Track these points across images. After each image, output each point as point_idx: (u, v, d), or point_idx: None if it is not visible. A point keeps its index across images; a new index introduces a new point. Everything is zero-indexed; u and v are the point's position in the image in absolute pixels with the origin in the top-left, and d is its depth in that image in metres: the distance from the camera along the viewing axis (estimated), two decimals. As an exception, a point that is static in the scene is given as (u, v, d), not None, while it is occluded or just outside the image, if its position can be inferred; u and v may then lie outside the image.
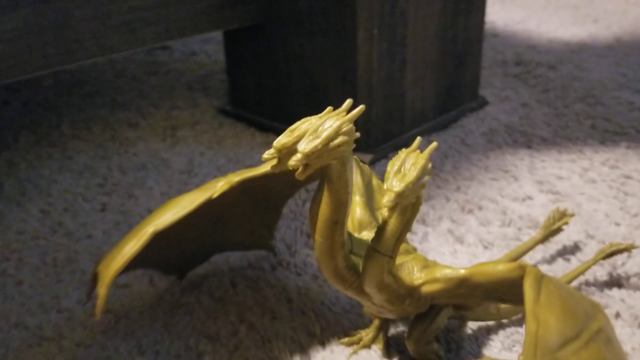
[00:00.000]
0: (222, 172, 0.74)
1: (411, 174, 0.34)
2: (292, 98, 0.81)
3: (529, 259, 0.59)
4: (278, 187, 0.52)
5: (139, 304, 0.54)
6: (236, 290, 0.55)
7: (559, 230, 0.59)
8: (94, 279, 0.45)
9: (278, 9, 0.77)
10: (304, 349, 0.49)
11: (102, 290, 0.41)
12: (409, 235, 0.63)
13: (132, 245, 0.42)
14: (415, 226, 0.64)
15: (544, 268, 0.58)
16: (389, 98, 0.78)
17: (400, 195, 0.34)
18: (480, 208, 0.67)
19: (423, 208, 0.67)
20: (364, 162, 0.76)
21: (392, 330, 0.51)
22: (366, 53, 0.73)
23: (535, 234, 0.60)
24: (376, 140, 0.78)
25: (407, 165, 0.35)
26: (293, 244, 0.62)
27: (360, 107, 0.35)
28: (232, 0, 0.76)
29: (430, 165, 0.36)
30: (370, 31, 0.72)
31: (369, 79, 0.74)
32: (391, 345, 0.49)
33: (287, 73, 0.80)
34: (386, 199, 0.34)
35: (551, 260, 0.59)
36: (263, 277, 0.57)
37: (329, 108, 0.36)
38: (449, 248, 0.61)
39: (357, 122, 0.36)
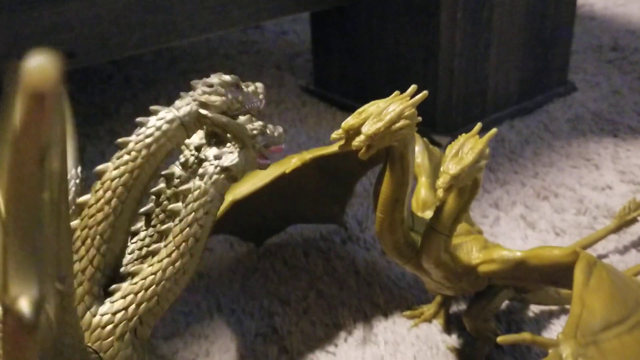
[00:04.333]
0: (303, 149, 0.78)
1: (468, 157, 0.36)
2: (374, 79, 0.83)
3: (601, 248, 0.59)
4: (349, 166, 0.55)
5: (219, 265, 0.59)
6: (308, 259, 0.59)
7: (634, 220, 0.58)
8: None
9: (364, -9, 0.79)
10: (367, 318, 0.52)
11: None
12: (479, 219, 0.64)
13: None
14: (488, 210, 0.65)
15: (616, 258, 0.58)
16: (471, 81, 0.78)
17: (455, 178, 0.36)
18: (556, 195, 0.67)
19: (497, 192, 0.68)
20: (440, 145, 0.76)
21: (454, 308, 0.53)
22: (449, 35, 0.73)
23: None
24: (455, 124, 0.78)
25: (465, 149, 0.37)
26: (364, 220, 0.64)
27: (424, 93, 0.37)
28: (319, -17, 0.79)
29: (488, 150, 0.37)
30: (453, 13, 0.72)
31: (450, 61, 0.75)
32: (452, 322, 0.51)
33: (369, 54, 0.82)
34: (441, 181, 0.36)
35: (624, 250, 0.58)
36: (334, 249, 0.60)
37: (396, 92, 0.38)
38: (520, 233, 0.61)
39: (437, 105, 0.37)
